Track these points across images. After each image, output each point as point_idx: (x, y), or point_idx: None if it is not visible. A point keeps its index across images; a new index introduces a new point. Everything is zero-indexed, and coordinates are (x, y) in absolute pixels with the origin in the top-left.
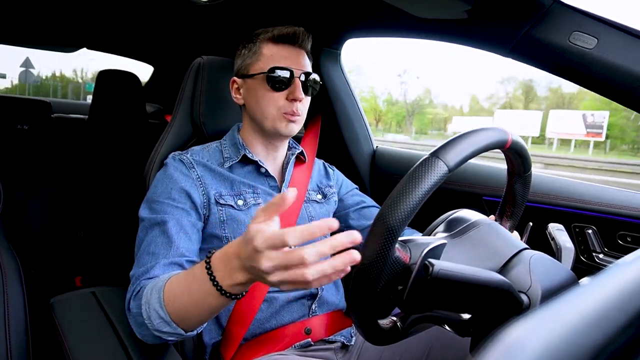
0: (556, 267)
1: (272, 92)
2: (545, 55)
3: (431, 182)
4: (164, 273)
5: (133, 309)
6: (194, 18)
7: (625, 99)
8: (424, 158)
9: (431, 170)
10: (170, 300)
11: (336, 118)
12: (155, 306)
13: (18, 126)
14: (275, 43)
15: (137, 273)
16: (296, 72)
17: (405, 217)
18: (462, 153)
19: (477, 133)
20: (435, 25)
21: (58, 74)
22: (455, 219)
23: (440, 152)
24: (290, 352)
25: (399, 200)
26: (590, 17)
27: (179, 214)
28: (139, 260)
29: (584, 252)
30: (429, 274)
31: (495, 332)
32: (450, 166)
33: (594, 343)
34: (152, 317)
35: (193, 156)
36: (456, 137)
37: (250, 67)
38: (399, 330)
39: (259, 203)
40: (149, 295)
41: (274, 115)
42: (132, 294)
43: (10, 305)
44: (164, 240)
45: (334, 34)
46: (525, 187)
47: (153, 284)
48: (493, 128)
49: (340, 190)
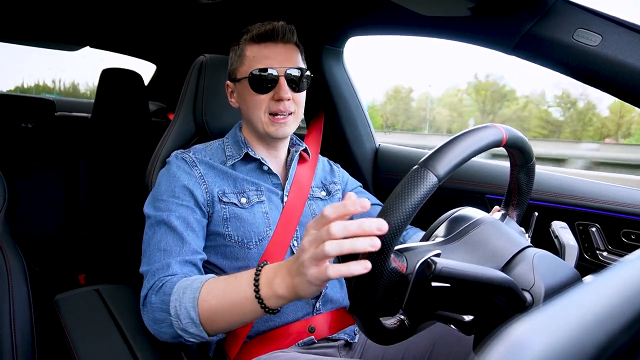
0: (560, 265)
1: (258, 95)
2: (549, 53)
3: (420, 195)
4: (181, 270)
5: (155, 304)
6: (197, 16)
7: (629, 96)
8: (413, 169)
9: (420, 182)
10: (204, 301)
11: (339, 116)
12: (187, 305)
13: (22, 124)
14: (257, 43)
15: (152, 269)
16: (280, 70)
17: (396, 231)
18: (452, 161)
19: (468, 137)
20: (438, 22)
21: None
22: (458, 217)
23: (429, 162)
24: (294, 349)
25: (389, 214)
26: (595, 14)
27: (184, 212)
28: (150, 257)
29: (588, 250)
30: (431, 272)
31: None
32: (440, 176)
33: (598, 341)
34: (181, 315)
35: (195, 154)
36: (446, 143)
37: (237, 72)
38: (407, 327)
39: (262, 201)
40: (181, 294)
41: (263, 119)
42: (149, 289)
43: (16, 303)
44: (174, 238)
45: (335, 31)
46: (530, 176)
47: (187, 284)
48: (485, 128)
49: (346, 187)
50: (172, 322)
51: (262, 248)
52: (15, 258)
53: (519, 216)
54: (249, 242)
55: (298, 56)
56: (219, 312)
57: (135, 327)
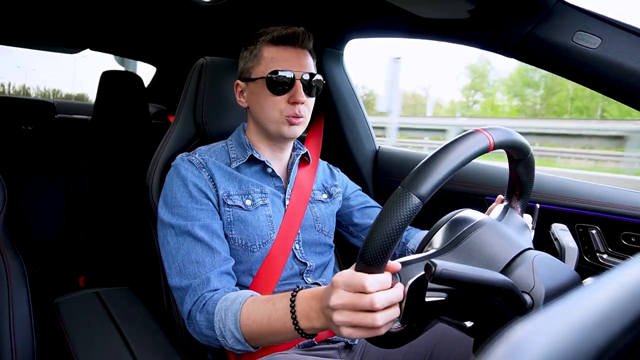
0: (560, 268)
1: (274, 96)
2: (549, 55)
3: (403, 218)
4: (221, 284)
5: (201, 322)
6: (197, 19)
7: (629, 99)
8: (396, 191)
9: (402, 205)
10: (247, 325)
11: (339, 118)
12: (230, 327)
13: (22, 127)
14: (276, 45)
15: (192, 284)
16: (297, 74)
17: (384, 254)
18: (433, 180)
19: (450, 150)
20: (438, 25)
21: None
22: (457, 219)
23: (411, 183)
24: (294, 351)
25: (374, 239)
26: (594, 16)
27: (206, 217)
28: (182, 269)
29: (588, 252)
30: (431, 275)
31: (499, 333)
32: (423, 196)
33: (598, 344)
34: (227, 337)
35: (202, 156)
36: (427, 160)
37: (252, 71)
38: (414, 329)
39: (266, 204)
40: (224, 316)
41: (277, 119)
42: (193, 306)
43: (15, 306)
44: (203, 248)
45: (336, 34)
46: (529, 168)
47: (227, 304)
48: (468, 137)
49: (346, 190)
50: (219, 340)
51: (265, 251)
52: (15, 261)
53: (522, 206)
54: (253, 245)
55: (312, 62)
56: (262, 335)
57: (135, 330)
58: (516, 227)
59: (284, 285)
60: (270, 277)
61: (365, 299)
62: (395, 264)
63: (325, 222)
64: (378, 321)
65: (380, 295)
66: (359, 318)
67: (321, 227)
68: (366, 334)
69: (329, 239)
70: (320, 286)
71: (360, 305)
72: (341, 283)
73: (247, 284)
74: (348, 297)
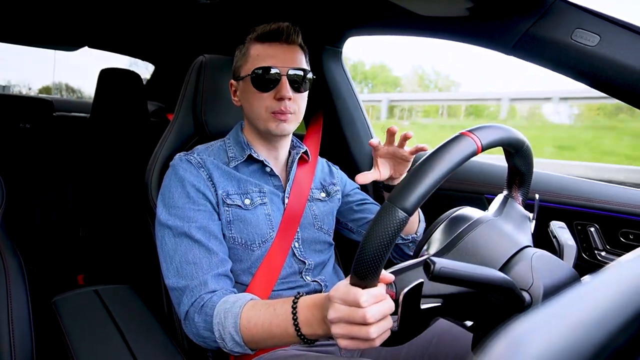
0: (558, 265)
1: (260, 93)
2: (547, 53)
3: (390, 233)
4: (218, 285)
5: (199, 323)
6: (196, 16)
7: (627, 96)
8: (383, 205)
9: (389, 221)
10: (247, 329)
11: (338, 117)
12: (230, 330)
13: (20, 124)
14: (262, 42)
15: (190, 285)
16: (282, 69)
17: (374, 269)
18: (418, 194)
19: (434, 160)
20: (437, 23)
21: None
22: (456, 217)
23: (396, 198)
24: (294, 348)
25: (365, 254)
26: (593, 14)
27: (203, 219)
28: (180, 270)
29: (586, 249)
30: (430, 273)
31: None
32: (408, 210)
33: (596, 341)
34: (226, 339)
35: (200, 155)
36: (411, 173)
37: (241, 69)
38: (419, 324)
39: (265, 203)
40: (223, 319)
41: (263, 116)
42: (190, 306)
43: (14, 304)
44: (200, 250)
45: (335, 32)
46: (527, 158)
47: (227, 307)
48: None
49: (345, 188)
50: (218, 342)
51: (264, 250)
52: (13, 258)
53: (523, 195)
54: (252, 244)
55: (302, 57)
56: (262, 339)
57: (134, 328)
58: (516, 220)
59: (283, 283)
60: (270, 276)
61: (359, 313)
62: (389, 276)
63: (324, 220)
64: (372, 334)
65: (373, 309)
66: (354, 331)
67: (320, 225)
68: (362, 345)
69: (329, 236)
70: (321, 293)
71: (355, 319)
72: (337, 298)
73: (247, 282)
74: (343, 311)
